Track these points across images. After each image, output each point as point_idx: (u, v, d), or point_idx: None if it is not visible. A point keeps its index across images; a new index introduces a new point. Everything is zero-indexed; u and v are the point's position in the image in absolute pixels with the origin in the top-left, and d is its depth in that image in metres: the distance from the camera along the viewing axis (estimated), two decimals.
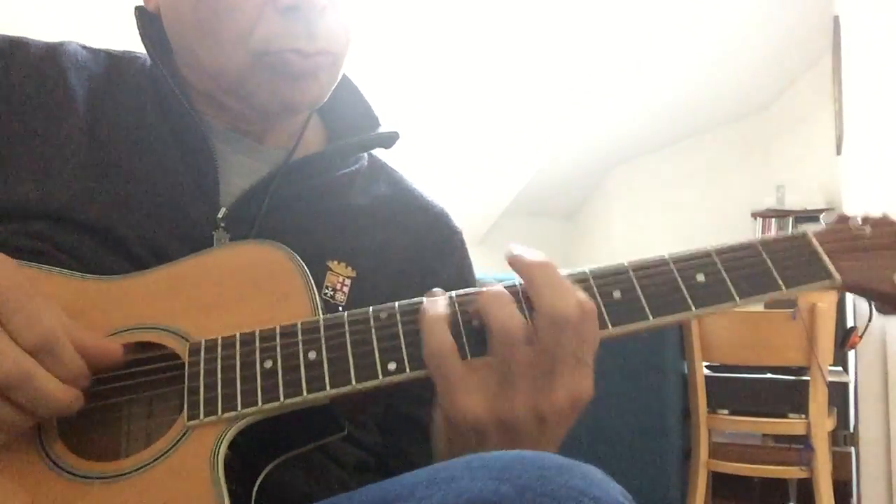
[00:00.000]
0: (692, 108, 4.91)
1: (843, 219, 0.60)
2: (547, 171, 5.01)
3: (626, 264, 0.56)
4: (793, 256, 0.57)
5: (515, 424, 0.51)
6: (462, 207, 4.96)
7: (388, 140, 0.75)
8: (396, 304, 0.55)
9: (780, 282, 0.56)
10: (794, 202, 4.68)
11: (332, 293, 0.66)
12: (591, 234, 5.85)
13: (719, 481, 2.54)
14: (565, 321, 0.50)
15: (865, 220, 0.59)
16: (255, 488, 0.54)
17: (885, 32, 2.69)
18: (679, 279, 0.55)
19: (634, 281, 0.55)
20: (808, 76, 4.86)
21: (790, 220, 4.68)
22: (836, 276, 0.56)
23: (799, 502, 2.93)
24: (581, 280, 0.55)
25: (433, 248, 0.76)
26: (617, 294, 0.55)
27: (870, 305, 0.60)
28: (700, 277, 0.55)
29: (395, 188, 0.78)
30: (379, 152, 0.79)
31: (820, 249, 0.57)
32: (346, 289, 0.67)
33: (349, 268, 0.68)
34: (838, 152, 3.97)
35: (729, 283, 0.55)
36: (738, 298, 0.55)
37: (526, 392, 0.50)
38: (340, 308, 0.66)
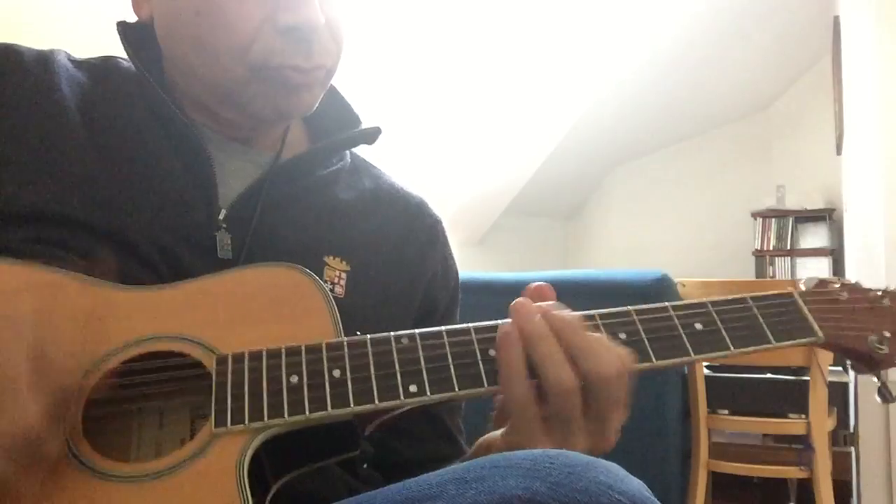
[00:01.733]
0: (692, 108, 4.91)
1: (823, 283, 0.66)
2: (546, 171, 5.00)
3: (630, 309, 0.60)
4: (781, 314, 0.62)
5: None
6: (462, 207, 4.95)
7: (371, 136, 0.78)
8: (417, 331, 0.58)
9: (771, 336, 0.60)
10: (794, 202, 4.68)
11: (331, 287, 0.68)
12: (590, 235, 5.84)
13: (719, 481, 2.54)
14: (609, 381, 0.54)
15: (843, 285, 0.65)
16: (269, 499, 0.55)
17: (885, 32, 2.69)
18: (679, 326, 0.60)
19: (638, 324, 0.59)
20: (808, 76, 4.86)
21: (790, 220, 4.67)
22: (820, 334, 0.62)
23: (799, 502, 2.93)
24: (589, 319, 0.59)
25: (420, 237, 0.80)
26: (623, 336, 0.59)
27: (846, 364, 0.64)
28: (698, 326, 0.60)
29: (376, 182, 0.81)
30: (370, 151, 0.82)
31: (806, 310, 0.63)
32: (343, 282, 0.69)
33: (343, 262, 0.70)
34: (838, 152, 3.97)
35: (724, 333, 0.60)
36: (732, 348, 0.60)
37: (585, 437, 0.55)
38: (340, 301, 0.67)
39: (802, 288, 0.65)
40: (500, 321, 0.57)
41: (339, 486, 0.66)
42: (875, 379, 0.64)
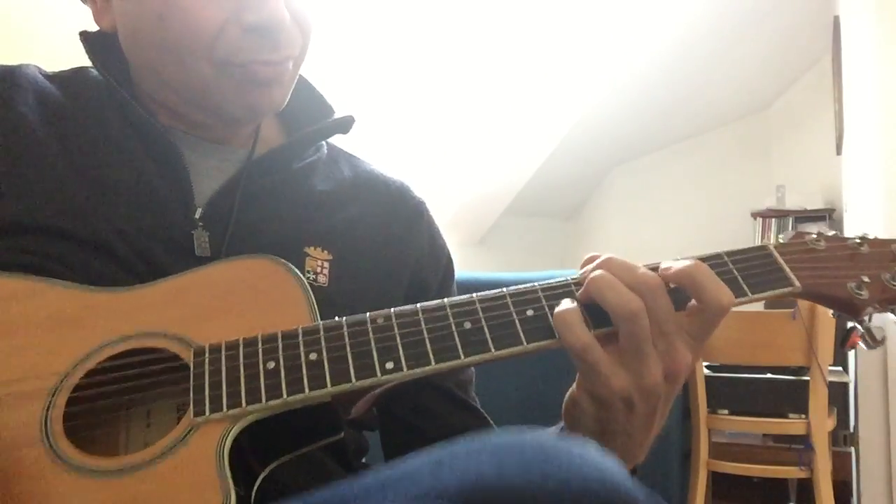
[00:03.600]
0: (692, 108, 4.91)
1: (800, 234, 0.65)
2: (546, 171, 5.01)
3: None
4: (756, 266, 0.62)
5: (655, 388, 0.56)
6: (462, 207, 4.96)
7: (345, 125, 0.78)
8: (392, 310, 0.58)
9: (747, 289, 0.60)
10: (794, 202, 4.68)
11: (314, 277, 0.69)
12: (590, 235, 5.84)
13: (719, 481, 2.54)
14: (722, 313, 0.57)
15: (819, 235, 0.65)
16: (255, 490, 0.55)
17: (885, 32, 2.69)
18: None
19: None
20: (808, 76, 4.86)
21: (790, 219, 4.67)
22: (797, 283, 0.61)
23: (799, 502, 2.93)
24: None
25: (402, 220, 0.80)
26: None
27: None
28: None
29: (355, 170, 0.82)
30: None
31: (782, 261, 0.62)
32: (325, 271, 0.70)
33: (325, 251, 0.71)
34: (838, 152, 3.97)
35: None
36: None
37: (657, 357, 0.55)
38: (324, 290, 0.68)
39: (781, 240, 0.65)
40: (473, 294, 0.58)
41: (332, 479, 0.66)
42: (858, 325, 0.63)
